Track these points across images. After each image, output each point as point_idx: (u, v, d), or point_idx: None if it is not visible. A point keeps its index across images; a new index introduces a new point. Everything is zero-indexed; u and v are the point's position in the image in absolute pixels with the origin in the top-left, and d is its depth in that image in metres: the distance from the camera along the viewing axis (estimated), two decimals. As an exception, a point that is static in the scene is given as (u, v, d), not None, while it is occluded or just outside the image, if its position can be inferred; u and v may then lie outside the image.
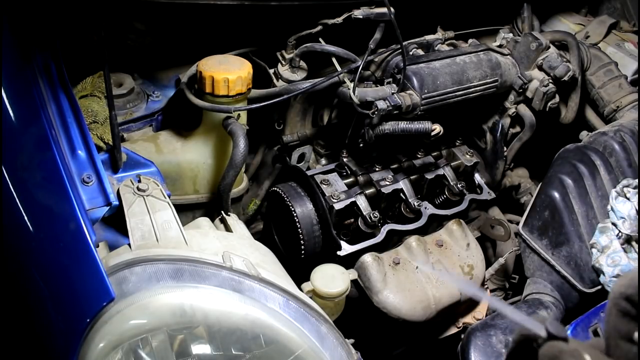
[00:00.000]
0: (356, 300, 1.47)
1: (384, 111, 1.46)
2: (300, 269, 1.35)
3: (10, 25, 1.19)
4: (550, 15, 2.20)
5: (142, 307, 0.94)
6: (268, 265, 1.14)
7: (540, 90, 1.71)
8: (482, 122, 1.84)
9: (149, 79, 1.60)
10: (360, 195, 1.53)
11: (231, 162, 1.38)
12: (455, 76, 1.61)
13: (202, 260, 1.03)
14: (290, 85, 1.55)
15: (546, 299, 1.49)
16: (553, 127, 1.87)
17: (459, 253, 1.55)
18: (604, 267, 1.43)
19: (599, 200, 1.54)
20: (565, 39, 1.81)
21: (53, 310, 0.96)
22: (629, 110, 1.87)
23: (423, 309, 1.43)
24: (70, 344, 0.92)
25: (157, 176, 1.28)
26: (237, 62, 1.42)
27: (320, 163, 1.79)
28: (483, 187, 1.75)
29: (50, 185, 1.04)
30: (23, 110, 1.11)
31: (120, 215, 1.12)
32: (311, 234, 1.49)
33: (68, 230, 0.99)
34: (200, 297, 0.98)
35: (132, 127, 1.52)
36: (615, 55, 2.01)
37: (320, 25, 1.58)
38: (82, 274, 0.95)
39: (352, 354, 1.10)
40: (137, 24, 1.54)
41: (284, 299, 1.05)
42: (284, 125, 1.71)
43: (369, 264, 1.44)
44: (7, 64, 1.12)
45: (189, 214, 1.55)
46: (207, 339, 0.98)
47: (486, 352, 1.31)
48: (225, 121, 1.41)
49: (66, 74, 1.28)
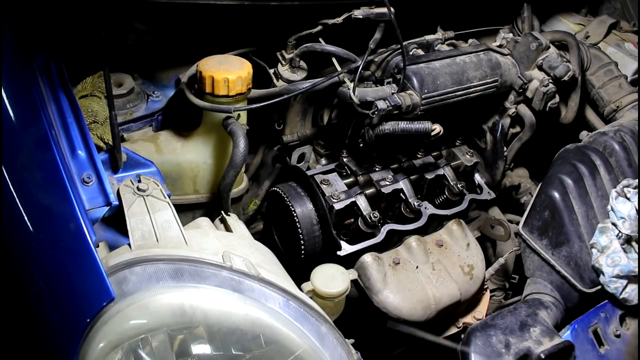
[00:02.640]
0: (356, 300, 1.47)
1: (384, 111, 1.46)
2: (300, 269, 1.35)
3: (10, 25, 1.19)
4: (550, 15, 2.20)
5: (142, 307, 0.94)
6: (268, 265, 1.14)
7: (540, 90, 1.71)
8: (482, 122, 1.84)
9: (149, 79, 1.60)
10: (360, 195, 1.53)
11: (231, 162, 1.38)
12: (455, 76, 1.61)
13: (202, 260, 1.03)
14: (290, 85, 1.55)
15: (546, 299, 1.49)
16: (553, 127, 1.87)
17: (459, 253, 1.55)
18: (603, 267, 1.43)
19: (599, 200, 1.54)
20: (565, 39, 1.81)
21: (53, 310, 0.96)
22: (629, 110, 1.87)
23: (423, 309, 1.43)
24: (70, 344, 0.92)
25: (157, 176, 1.28)
26: (237, 62, 1.42)
27: (320, 163, 1.79)
28: (483, 187, 1.75)
29: (50, 185, 1.04)
30: (23, 110, 1.11)
31: (120, 215, 1.12)
32: (311, 234, 1.49)
33: (68, 230, 0.99)
34: (200, 297, 0.98)
35: (132, 127, 1.52)
36: (615, 55, 2.01)
37: (320, 25, 1.58)
38: (82, 274, 0.95)
39: (352, 354, 1.10)
40: (137, 24, 1.54)
41: (284, 299, 1.05)
42: (284, 125, 1.71)
43: (369, 264, 1.44)
44: (7, 64, 1.12)
45: (189, 214, 1.55)
46: (207, 339, 0.98)
47: (486, 352, 1.31)
48: (225, 121, 1.40)
49: (66, 74, 1.28)
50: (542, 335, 1.35)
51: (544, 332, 1.36)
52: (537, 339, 1.34)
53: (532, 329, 1.37)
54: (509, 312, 1.41)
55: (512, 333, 1.35)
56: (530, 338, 1.35)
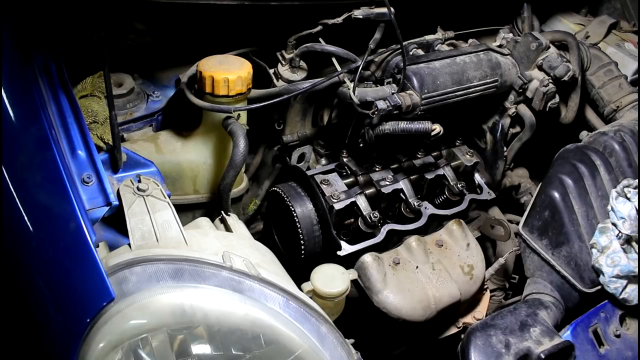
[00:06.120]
0: (356, 300, 1.47)
1: (384, 111, 1.46)
2: (300, 269, 1.35)
3: (10, 25, 1.19)
4: (550, 15, 2.20)
5: (142, 307, 0.94)
6: (268, 265, 1.14)
7: (540, 90, 1.71)
8: (482, 122, 1.84)
9: (149, 79, 1.60)
10: (360, 195, 1.53)
11: (231, 162, 1.38)
12: (455, 76, 1.61)
13: (202, 260, 1.03)
14: (290, 85, 1.55)
15: (546, 299, 1.49)
16: (553, 127, 1.87)
17: (459, 253, 1.55)
18: (603, 267, 1.43)
19: (599, 200, 1.54)
20: (565, 39, 1.81)
21: (53, 310, 0.96)
22: (629, 110, 1.87)
23: (423, 309, 1.43)
24: (70, 344, 0.92)
25: (157, 176, 1.28)
26: (237, 62, 1.42)
27: (320, 163, 1.79)
28: (483, 187, 1.75)
29: (50, 185, 1.04)
30: (23, 110, 1.11)
31: (120, 215, 1.12)
32: (311, 234, 1.49)
33: (68, 230, 0.99)
34: (200, 297, 0.98)
35: (132, 127, 1.52)
36: (615, 55, 2.01)
37: (320, 25, 1.58)
38: (82, 274, 0.95)
39: (352, 354, 1.10)
40: (137, 24, 1.54)
41: (284, 299, 1.05)
42: (284, 125, 1.71)
43: (369, 264, 1.44)
44: (7, 64, 1.12)
45: (189, 214, 1.55)
46: (207, 339, 0.98)
47: (486, 352, 1.31)
48: (225, 121, 1.40)
49: (66, 74, 1.28)
50: (542, 335, 1.35)
51: (544, 332, 1.36)
52: (537, 339, 1.34)
53: (532, 329, 1.37)
54: (509, 312, 1.41)
55: (512, 333, 1.35)
56: (530, 338, 1.35)
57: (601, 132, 1.72)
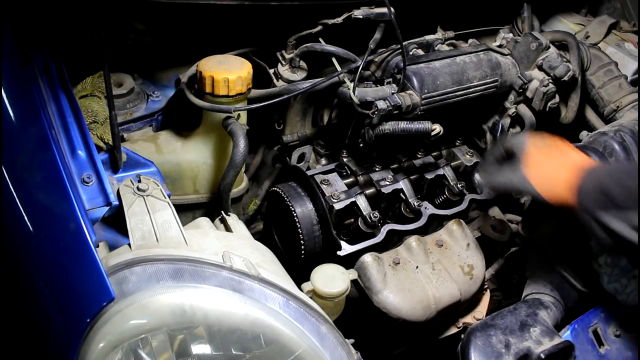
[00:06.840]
0: (356, 300, 1.47)
1: (384, 111, 1.46)
2: (300, 269, 1.35)
3: (10, 25, 1.19)
4: (550, 15, 2.20)
5: (142, 307, 0.94)
6: (268, 265, 1.14)
7: (540, 90, 1.71)
8: (482, 122, 1.84)
9: (149, 79, 1.60)
10: (360, 195, 1.53)
11: (231, 162, 1.38)
12: (455, 76, 1.61)
13: (202, 260, 1.03)
14: (290, 85, 1.55)
15: (546, 299, 1.49)
16: (553, 127, 1.87)
17: (459, 253, 1.55)
18: (603, 267, 1.43)
19: (599, 200, 1.54)
20: (565, 39, 1.81)
21: (53, 310, 0.96)
22: (629, 110, 1.87)
23: (423, 309, 1.43)
24: (70, 344, 0.92)
25: (157, 176, 1.28)
26: (237, 62, 1.42)
27: (320, 163, 1.79)
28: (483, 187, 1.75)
29: (50, 185, 1.04)
30: (23, 110, 1.11)
31: (120, 215, 1.12)
32: (311, 234, 1.49)
33: (68, 230, 0.99)
34: (200, 297, 0.98)
35: (132, 127, 1.52)
36: (615, 55, 2.01)
37: (320, 25, 1.58)
38: (82, 274, 0.95)
39: (352, 354, 1.10)
40: (137, 24, 1.54)
41: (284, 299, 1.05)
42: (284, 125, 1.71)
43: (369, 264, 1.44)
44: (7, 64, 1.12)
45: (189, 214, 1.55)
46: (207, 339, 0.98)
47: (486, 352, 1.31)
48: (225, 121, 1.40)
49: (66, 74, 1.28)
50: (542, 335, 1.35)
51: (544, 332, 1.36)
52: (537, 339, 1.34)
53: (532, 329, 1.37)
54: (509, 312, 1.41)
55: (512, 333, 1.35)
56: (530, 338, 1.35)
57: (601, 132, 1.72)
